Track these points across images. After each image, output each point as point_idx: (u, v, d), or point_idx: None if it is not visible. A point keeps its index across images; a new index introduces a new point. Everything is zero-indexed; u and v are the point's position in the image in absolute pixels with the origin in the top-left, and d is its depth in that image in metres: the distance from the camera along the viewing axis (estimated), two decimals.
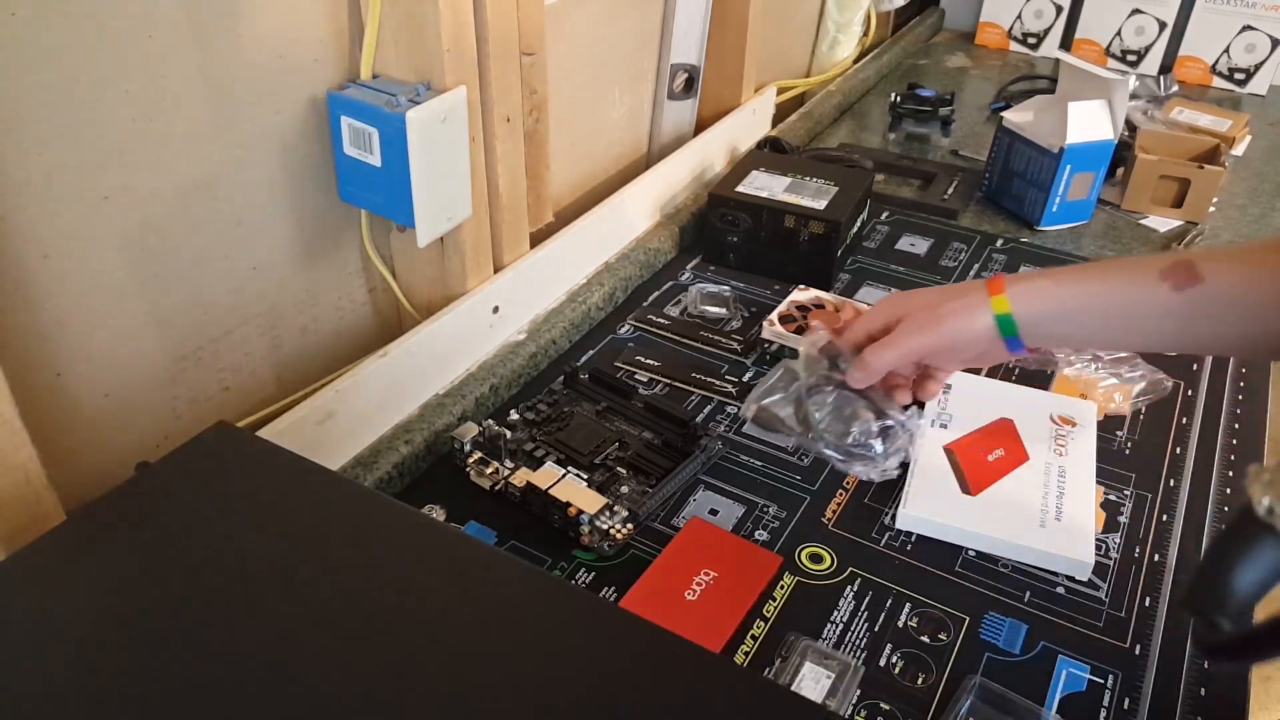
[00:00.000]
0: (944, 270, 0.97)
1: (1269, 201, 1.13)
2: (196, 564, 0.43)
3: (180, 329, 0.63)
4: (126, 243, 0.57)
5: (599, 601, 0.53)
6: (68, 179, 0.53)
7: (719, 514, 0.67)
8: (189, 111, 0.58)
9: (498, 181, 0.75)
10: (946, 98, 1.32)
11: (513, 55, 0.71)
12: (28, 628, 0.40)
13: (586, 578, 0.62)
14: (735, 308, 0.90)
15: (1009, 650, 0.58)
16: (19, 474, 0.49)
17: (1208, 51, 1.47)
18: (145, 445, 0.63)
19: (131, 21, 0.53)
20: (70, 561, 0.44)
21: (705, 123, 1.11)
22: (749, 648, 0.58)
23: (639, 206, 0.97)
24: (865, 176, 0.98)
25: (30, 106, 0.50)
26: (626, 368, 0.82)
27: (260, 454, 0.50)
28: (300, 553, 0.44)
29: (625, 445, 0.71)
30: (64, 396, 0.57)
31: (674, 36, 1.04)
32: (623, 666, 0.40)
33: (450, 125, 0.66)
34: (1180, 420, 0.77)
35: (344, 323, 0.76)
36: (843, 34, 1.41)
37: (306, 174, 0.67)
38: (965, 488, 0.68)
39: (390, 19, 0.65)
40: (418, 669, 0.39)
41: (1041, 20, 1.57)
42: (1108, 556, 0.65)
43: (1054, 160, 1.00)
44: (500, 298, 0.79)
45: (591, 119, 0.97)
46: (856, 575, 0.63)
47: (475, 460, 0.69)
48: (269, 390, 0.71)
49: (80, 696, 0.38)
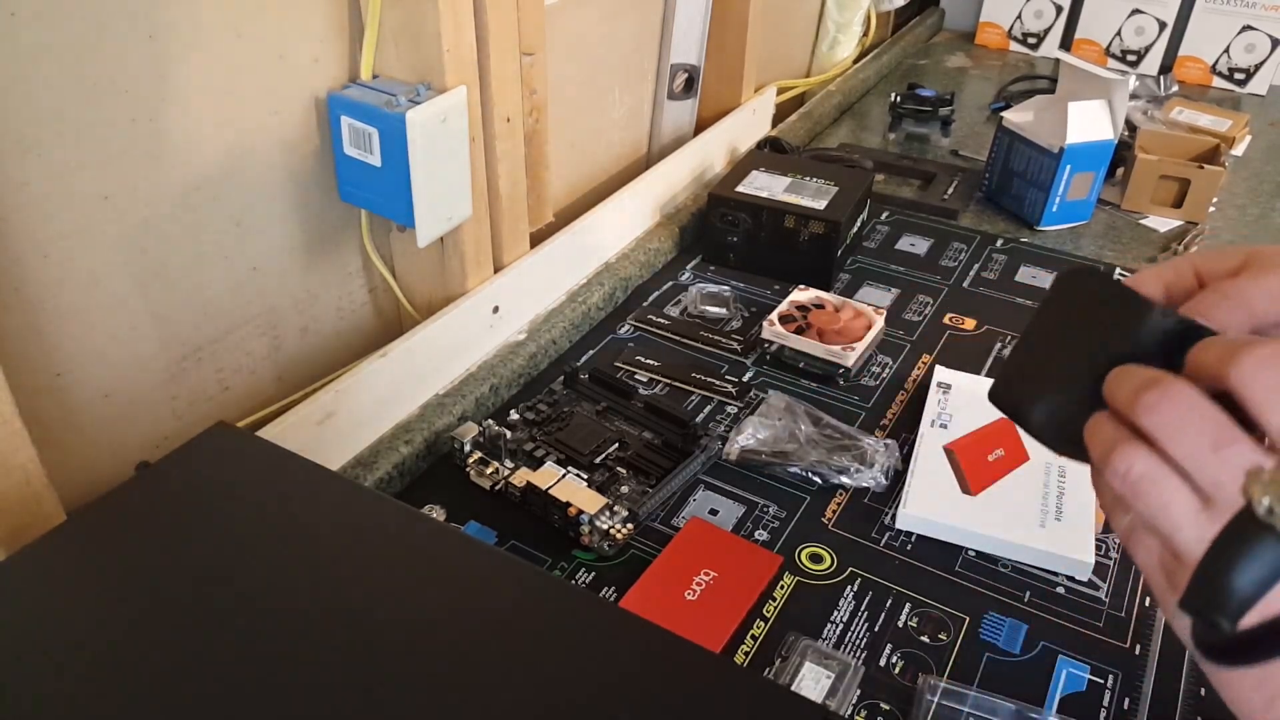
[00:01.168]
0: (944, 270, 0.97)
1: (1269, 201, 1.13)
2: (196, 564, 0.43)
3: (180, 329, 0.63)
4: (126, 242, 0.57)
5: (599, 601, 0.53)
6: (68, 179, 0.53)
7: (719, 514, 0.67)
8: (189, 111, 0.58)
9: (498, 181, 0.75)
10: (946, 98, 1.32)
11: (513, 55, 0.71)
12: (28, 628, 0.40)
13: (586, 578, 0.62)
14: (735, 308, 0.90)
15: (1009, 650, 0.58)
16: (19, 474, 0.49)
17: (1208, 51, 1.47)
18: (145, 445, 0.63)
19: (131, 21, 0.53)
20: (70, 561, 0.44)
21: (705, 123, 1.11)
22: (749, 648, 0.58)
23: (639, 206, 0.97)
24: (865, 176, 0.98)
25: (30, 106, 0.50)
26: (626, 368, 0.82)
27: (260, 454, 0.50)
28: (300, 553, 0.44)
29: (625, 445, 0.71)
30: (64, 396, 0.57)
31: (674, 36, 1.04)
32: (623, 666, 0.40)
33: (450, 125, 0.66)
34: None
35: (344, 323, 0.76)
36: (843, 34, 1.41)
37: (306, 174, 0.67)
38: (965, 488, 0.67)
39: (390, 19, 0.65)
40: (418, 669, 0.39)
41: (1041, 20, 1.57)
42: (1107, 556, 0.65)
43: (1054, 160, 1.00)
44: (500, 298, 0.79)
45: (591, 119, 0.97)
46: (856, 575, 0.63)
47: (475, 460, 0.69)
48: (269, 390, 0.71)
49: (80, 696, 0.38)
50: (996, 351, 0.85)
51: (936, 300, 0.92)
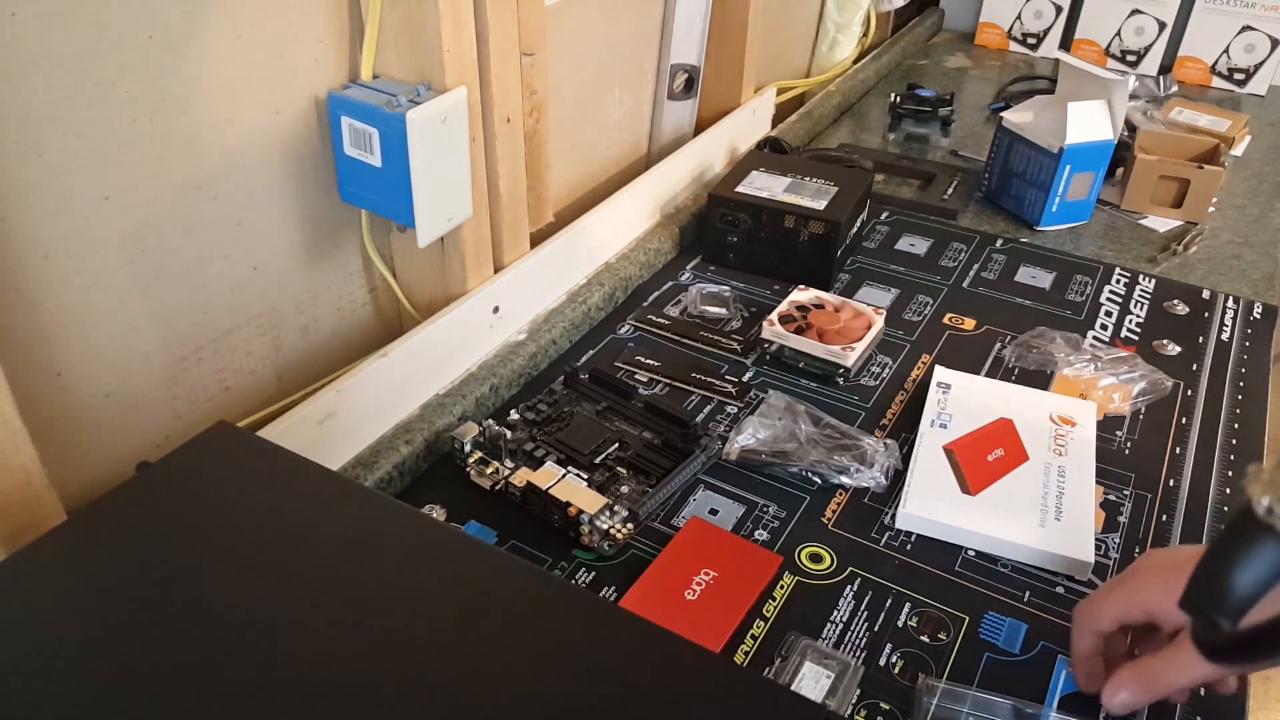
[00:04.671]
0: (943, 270, 0.97)
1: (1268, 201, 1.13)
2: (197, 564, 0.43)
3: (180, 329, 0.63)
4: (126, 243, 0.57)
5: (599, 601, 0.53)
6: (68, 179, 0.53)
7: (719, 514, 0.67)
8: (189, 111, 0.58)
9: (498, 181, 0.75)
10: (946, 98, 1.32)
11: (513, 55, 0.72)
12: (28, 628, 0.40)
13: (586, 578, 0.62)
14: (735, 308, 0.90)
15: (1009, 650, 0.58)
16: (19, 474, 0.49)
17: (1207, 52, 1.47)
18: (145, 445, 0.63)
19: (131, 22, 0.53)
20: (70, 561, 0.44)
21: (705, 123, 1.11)
22: (749, 648, 0.58)
23: (639, 206, 0.97)
24: (865, 176, 0.98)
25: (30, 107, 0.50)
26: (626, 368, 0.82)
27: (260, 454, 0.50)
28: (301, 553, 0.44)
29: (625, 445, 0.71)
30: (64, 396, 0.57)
31: (674, 36, 1.04)
32: (623, 666, 0.40)
33: (450, 125, 0.66)
34: (1180, 420, 0.77)
35: (344, 323, 0.76)
36: (842, 34, 1.41)
37: (307, 174, 0.67)
38: (965, 488, 0.68)
39: (390, 19, 0.65)
40: (418, 668, 0.39)
41: (1041, 20, 1.57)
42: (1107, 556, 0.65)
43: (1054, 160, 1.00)
44: (500, 298, 0.79)
45: (591, 119, 0.97)
46: (856, 575, 0.63)
47: (475, 460, 0.69)
48: (269, 390, 0.71)
49: (80, 696, 0.38)
50: (996, 351, 0.85)
51: (936, 300, 0.92)
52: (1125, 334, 0.88)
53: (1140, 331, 0.88)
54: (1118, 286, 0.95)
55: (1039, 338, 0.85)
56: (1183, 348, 0.86)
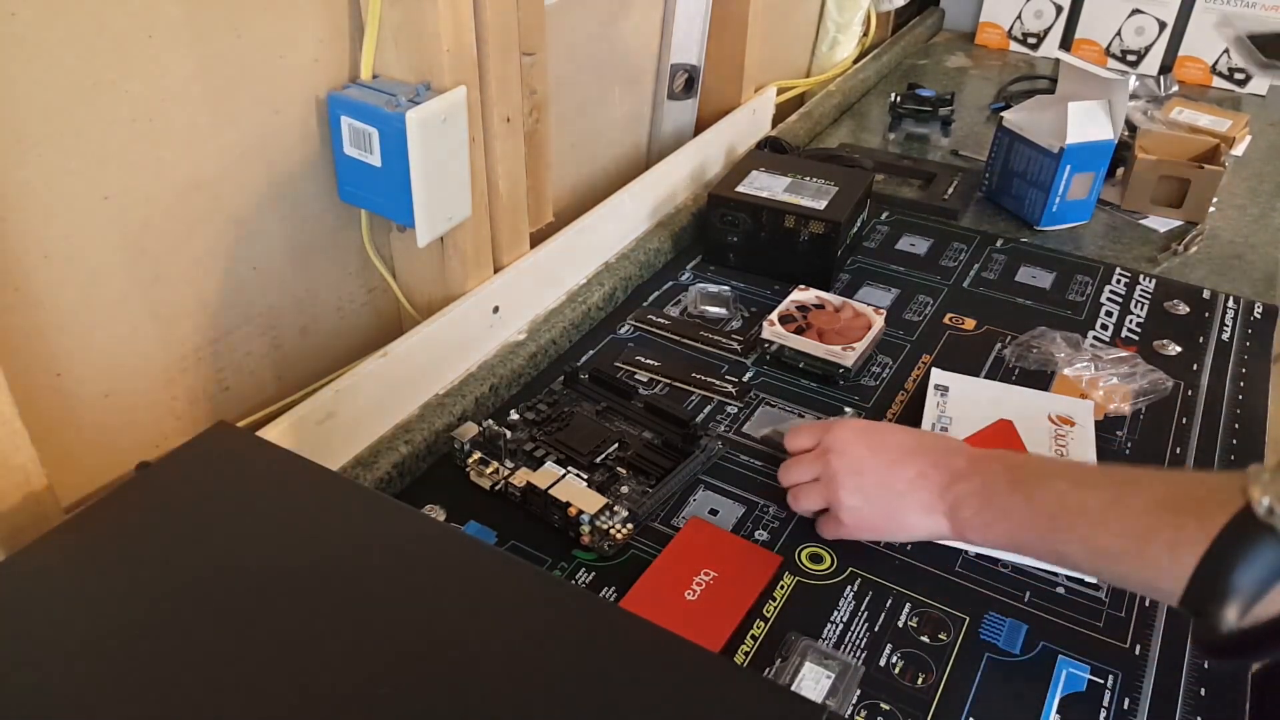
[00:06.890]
0: (944, 270, 0.97)
1: (1269, 201, 1.13)
2: (196, 564, 0.43)
3: (180, 329, 0.63)
4: (126, 243, 0.57)
5: (599, 601, 0.53)
6: (68, 179, 0.53)
7: (719, 514, 0.67)
8: (189, 111, 0.58)
9: (498, 181, 0.75)
10: (946, 98, 1.32)
11: (513, 55, 0.71)
12: (28, 628, 0.40)
13: (586, 578, 0.62)
14: (735, 308, 0.90)
15: (1009, 650, 0.58)
16: (19, 474, 0.49)
17: (1208, 51, 1.47)
18: (145, 445, 0.63)
19: (131, 21, 0.53)
20: (70, 561, 0.44)
21: (705, 123, 1.11)
22: (749, 648, 0.58)
23: (639, 206, 0.97)
24: (865, 176, 0.98)
25: (30, 106, 0.50)
26: (626, 368, 0.82)
27: (260, 454, 0.50)
28: (300, 553, 0.44)
29: (625, 445, 0.71)
30: (64, 396, 0.57)
31: (674, 36, 1.04)
32: (623, 666, 0.40)
33: (450, 125, 0.66)
34: (1180, 420, 0.77)
35: (344, 323, 0.76)
36: (843, 34, 1.41)
37: (306, 174, 0.67)
38: None
39: (390, 19, 0.65)
40: (417, 668, 0.39)
41: (1041, 20, 1.57)
42: None
43: (1054, 160, 1.00)
44: (500, 298, 0.79)
45: (591, 119, 0.97)
46: (856, 575, 0.63)
47: (475, 460, 0.69)
48: (269, 390, 0.71)
49: (80, 696, 0.38)
50: (996, 351, 0.85)
51: (936, 300, 0.92)
52: (1126, 334, 0.88)
53: (1141, 331, 0.88)
54: (1118, 286, 0.95)
55: (1039, 338, 0.85)
56: (1183, 348, 0.86)
